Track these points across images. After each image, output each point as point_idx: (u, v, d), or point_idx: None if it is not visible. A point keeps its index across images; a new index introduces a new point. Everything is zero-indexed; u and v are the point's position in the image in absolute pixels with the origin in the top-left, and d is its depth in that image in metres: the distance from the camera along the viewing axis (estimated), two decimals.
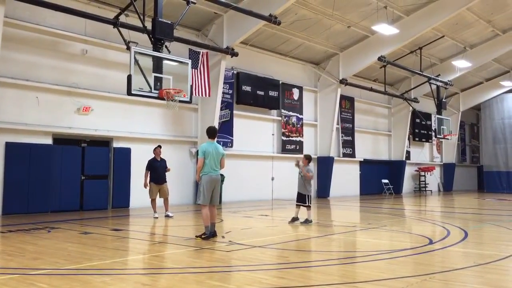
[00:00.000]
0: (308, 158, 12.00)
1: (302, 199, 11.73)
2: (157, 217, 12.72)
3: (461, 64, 25.50)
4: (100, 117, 15.35)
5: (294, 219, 11.77)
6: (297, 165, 11.72)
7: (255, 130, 20.63)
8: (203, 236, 8.96)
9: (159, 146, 13.50)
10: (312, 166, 22.51)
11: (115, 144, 15.90)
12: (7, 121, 13.38)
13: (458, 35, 23.86)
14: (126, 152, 16.01)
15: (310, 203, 11.73)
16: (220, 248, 8.14)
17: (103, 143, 15.72)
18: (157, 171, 12.90)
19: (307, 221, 11.56)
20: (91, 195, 15.08)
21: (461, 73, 26.82)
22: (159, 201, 13.16)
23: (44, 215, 13.27)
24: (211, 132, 9.37)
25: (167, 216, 12.89)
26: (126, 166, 15.92)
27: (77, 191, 14.79)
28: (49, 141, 14.37)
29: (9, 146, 13.42)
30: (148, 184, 12.89)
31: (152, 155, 13.27)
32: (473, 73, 29.48)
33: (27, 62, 13.93)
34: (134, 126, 16.34)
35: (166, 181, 13.08)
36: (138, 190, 15.95)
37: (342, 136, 25.18)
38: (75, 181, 14.74)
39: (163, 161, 13.17)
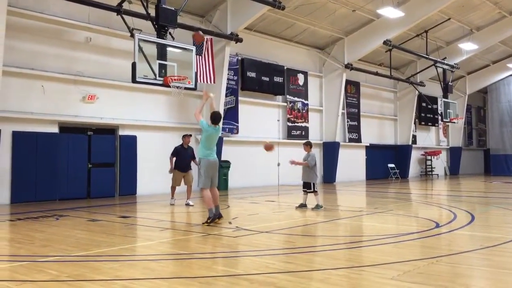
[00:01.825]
0: (308, 144, 12.03)
1: (307, 186, 11.81)
2: (173, 204, 12.76)
3: (468, 46, 25.28)
4: (105, 105, 15.37)
5: (302, 205, 11.81)
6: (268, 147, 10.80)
7: (261, 116, 20.60)
8: (208, 221, 9.02)
9: (190, 135, 13.42)
10: (317, 152, 22.54)
11: (121, 132, 15.94)
12: (13, 110, 13.43)
13: (464, 17, 23.60)
14: (132, 140, 16.06)
15: (316, 189, 11.76)
16: (227, 233, 8.19)
17: (109, 131, 15.77)
18: (182, 158, 12.76)
19: (317, 207, 11.59)
20: (98, 182, 15.16)
21: (467, 56, 26.59)
22: (181, 188, 13.11)
23: (52, 203, 13.37)
24: (217, 118, 9.27)
25: (187, 204, 12.77)
26: (132, 153, 15.98)
27: (84, 179, 14.88)
28: (55, 129, 14.42)
29: (16, 135, 13.48)
30: (174, 171, 12.85)
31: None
32: (480, 56, 29.21)
33: (32, 51, 13.93)
34: (139, 114, 16.36)
35: (191, 169, 12.96)
36: (145, 177, 16.09)
37: (347, 121, 25.11)
38: (82, 169, 14.82)
39: (190, 149, 13.06)
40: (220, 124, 9.56)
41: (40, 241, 7.54)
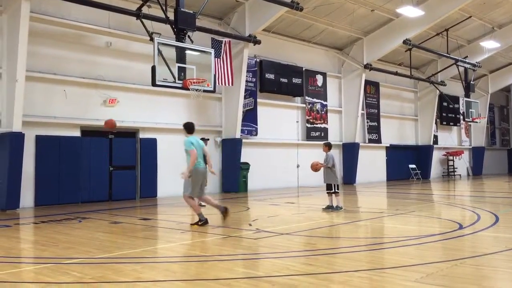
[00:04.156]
0: (327, 145, 11.99)
1: (329, 187, 11.76)
2: (204, 205, 12.94)
3: (490, 44, 24.85)
4: (126, 108, 15.54)
5: (329, 207, 11.75)
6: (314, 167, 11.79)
7: (279, 118, 20.58)
8: (199, 223, 9.23)
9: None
10: (337, 153, 22.42)
11: (141, 135, 16.10)
12: (36, 114, 13.67)
13: (486, 15, 23.21)
14: (152, 143, 16.20)
15: (337, 189, 11.70)
16: (248, 235, 8.19)
17: (130, 134, 15.94)
18: None
19: (337, 208, 11.53)
20: (119, 185, 15.33)
21: (489, 54, 26.14)
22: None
23: (74, 206, 13.57)
24: (190, 127, 9.71)
25: (199, 205, 12.92)
26: (152, 156, 16.13)
27: (106, 182, 15.07)
28: (77, 133, 14.64)
29: (39, 139, 13.72)
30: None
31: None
32: (502, 54, 28.68)
33: (54, 56, 14.18)
34: (159, 117, 16.50)
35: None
36: (165, 180, 16.20)
37: (367, 122, 24.91)
38: (103, 172, 15.01)
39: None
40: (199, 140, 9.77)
41: (64, 243, 7.65)
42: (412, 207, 12.59)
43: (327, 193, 11.83)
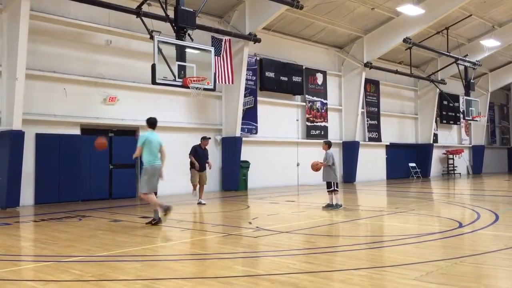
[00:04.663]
0: (327, 144, 11.99)
1: (328, 185, 11.77)
2: (204, 203, 12.98)
3: (490, 43, 24.83)
4: (126, 107, 15.54)
5: (329, 205, 11.74)
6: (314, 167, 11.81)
7: (280, 116, 20.58)
8: (153, 222, 9.26)
9: (209, 138, 13.93)
10: (337, 152, 22.42)
11: (141, 133, 16.06)
12: (36, 112, 13.67)
13: (486, 14, 23.19)
14: None
15: (337, 188, 11.70)
16: (247, 234, 8.20)
17: (130, 132, 15.94)
18: (199, 158, 13.22)
19: (336, 206, 11.54)
20: (119, 183, 15.34)
21: (489, 52, 26.11)
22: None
23: (74, 204, 13.58)
24: (150, 123, 9.70)
25: (199, 203, 13.04)
26: None
27: (106, 180, 15.07)
28: (77, 131, 14.64)
29: (39, 137, 13.72)
30: (193, 170, 13.22)
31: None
32: (502, 52, 28.66)
33: (54, 54, 14.17)
34: (159, 115, 16.15)
35: (205, 169, 13.38)
36: (165, 178, 16.17)
37: (367, 120, 24.91)
38: (103, 170, 15.01)
39: (206, 150, 13.58)
40: (159, 136, 9.65)
41: (64, 241, 7.66)
42: (412, 206, 12.59)
43: (328, 191, 11.84)
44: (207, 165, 13.41)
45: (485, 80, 32.14)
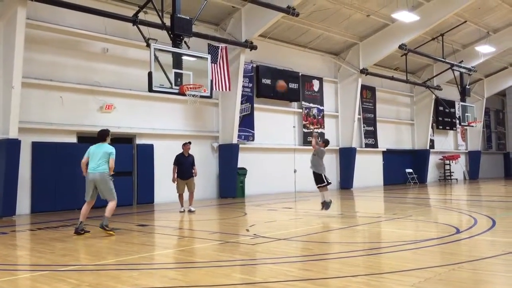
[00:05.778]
0: (324, 142, 11.98)
1: (319, 179, 11.44)
2: (182, 211, 12.88)
3: (485, 49, 24.97)
4: (122, 114, 15.52)
5: (324, 203, 11.48)
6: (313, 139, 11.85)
7: (276, 123, 20.59)
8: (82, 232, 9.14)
9: (189, 143, 13.62)
10: (334, 158, 22.43)
11: (138, 141, 16.07)
12: (32, 121, 13.63)
13: (480, 20, 23.34)
14: (149, 149, 16.17)
15: (329, 181, 11.50)
16: (245, 241, 8.18)
17: (126, 140, 15.89)
18: (183, 166, 13.05)
19: (330, 202, 11.46)
20: (116, 191, 15.20)
21: (484, 58, 26.25)
22: (186, 195, 13.28)
23: (71, 213, 13.50)
24: (99, 135, 10.06)
25: (189, 211, 13.04)
26: (149, 162, 16.08)
27: None
28: (73, 139, 14.60)
29: (35, 145, 13.68)
30: (176, 179, 13.03)
31: (179, 151, 13.42)
32: (497, 58, 28.82)
33: (50, 62, 14.16)
34: (156, 123, 16.49)
35: (192, 177, 13.18)
36: (162, 186, 16.18)
37: (364, 127, 24.96)
38: None
39: (190, 156, 13.33)
40: (106, 147, 9.95)
41: (60, 250, 7.62)
42: (409, 212, 12.60)
43: (318, 187, 11.53)
44: (193, 171, 13.16)
45: (481, 86, 32.28)
